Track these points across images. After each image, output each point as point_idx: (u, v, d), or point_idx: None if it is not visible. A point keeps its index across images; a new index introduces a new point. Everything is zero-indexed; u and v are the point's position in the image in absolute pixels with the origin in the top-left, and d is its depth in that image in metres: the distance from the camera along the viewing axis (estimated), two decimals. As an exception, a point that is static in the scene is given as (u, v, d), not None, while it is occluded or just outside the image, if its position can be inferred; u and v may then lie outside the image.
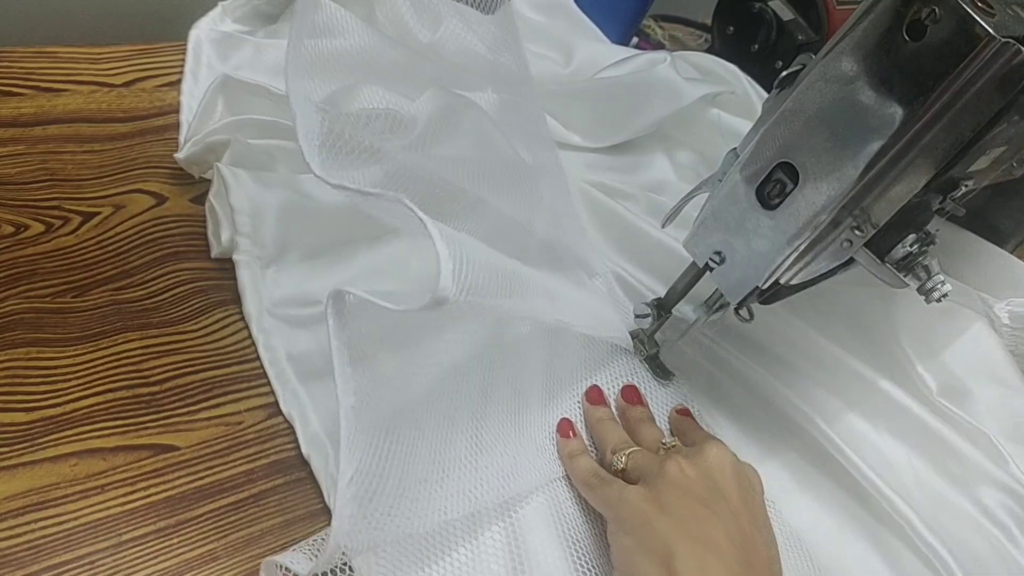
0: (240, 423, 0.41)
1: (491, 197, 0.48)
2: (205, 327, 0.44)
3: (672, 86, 0.62)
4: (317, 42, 0.47)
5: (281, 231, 0.48)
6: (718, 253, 0.42)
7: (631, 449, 0.42)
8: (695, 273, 0.46)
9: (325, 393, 0.42)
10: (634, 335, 0.51)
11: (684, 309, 0.49)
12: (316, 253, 0.49)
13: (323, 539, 0.34)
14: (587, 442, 0.45)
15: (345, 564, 0.35)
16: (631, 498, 0.38)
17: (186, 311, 0.44)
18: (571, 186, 0.59)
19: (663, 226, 0.47)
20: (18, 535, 0.34)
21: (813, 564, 0.43)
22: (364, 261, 0.50)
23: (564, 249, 0.52)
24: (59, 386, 0.39)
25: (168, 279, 0.45)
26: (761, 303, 0.44)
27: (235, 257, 0.47)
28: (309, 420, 0.41)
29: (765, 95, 0.63)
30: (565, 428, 0.45)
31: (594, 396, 0.47)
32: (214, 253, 0.47)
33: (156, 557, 0.35)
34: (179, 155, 0.49)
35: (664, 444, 0.42)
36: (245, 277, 0.46)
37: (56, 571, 0.33)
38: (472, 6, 0.59)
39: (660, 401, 0.49)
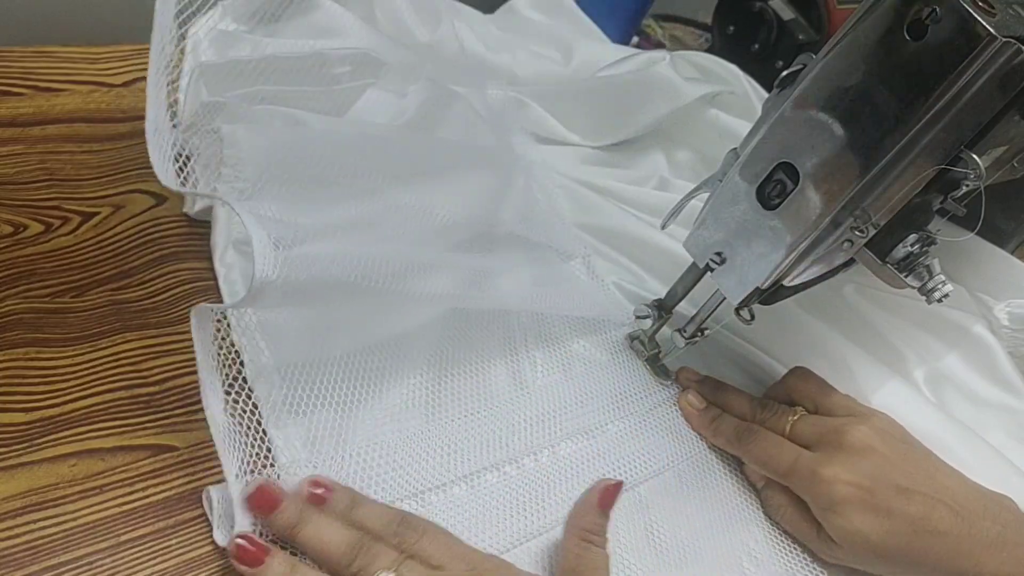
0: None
1: (464, 176, 0.49)
2: (204, 327, 0.44)
3: (671, 85, 0.62)
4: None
5: (264, 168, 0.46)
6: (718, 254, 0.42)
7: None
8: (695, 274, 0.46)
9: (279, 327, 0.42)
10: (634, 336, 0.51)
11: (664, 330, 0.50)
12: (295, 196, 0.47)
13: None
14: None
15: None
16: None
17: (185, 311, 0.44)
18: (568, 184, 0.59)
19: (663, 226, 0.47)
20: (17, 536, 0.34)
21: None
22: (341, 212, 0.49)
23: (536, 232, 0.53)
24: (58, 386, 0.39)
25: (167, 279, 0.45)
26: (762, 303, 0.43)
27: (215, 184, 0.47)
28: (260, 350, 0.41)
29: (765, 95, 0.63)
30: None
31: None
32: (184, 208, 0.49)
33: (155, 558, 0.35)
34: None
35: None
36: (220, 208, 0.47)
37: (55, 572, 0.33)
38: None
39: (661, 402, 0.49)
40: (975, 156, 0.35)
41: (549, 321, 0.50)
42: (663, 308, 0.49)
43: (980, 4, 0.31)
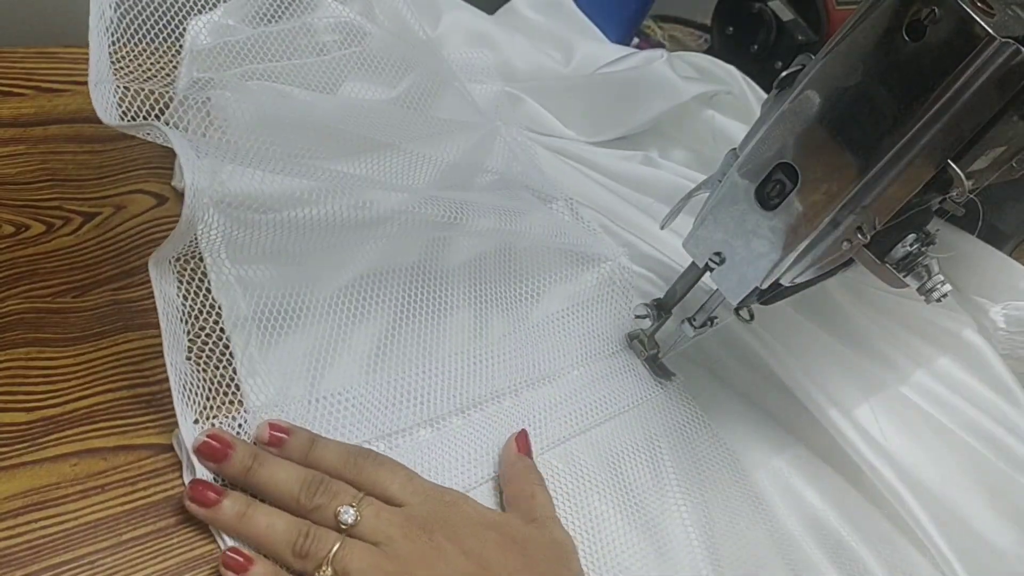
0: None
1: (447, 135, 0.52)
2: (205, 327, 0.44)
3: (668, 83, 0.63)
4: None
5: (252, 132, 0.47)
6: (718, 254, 0.42)
7: (333, 546, 0.33)
8: (695, 273, 0.46)
9: (257, 280, 0.44)
10: (634, 335, 0.51)
11: (670, 326, 0.50)
12: (282, 155, 0.47)
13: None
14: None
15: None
16: None
17: (186, 311, 0.44)
18: (549, 157, 0.61)
19: (662, 227, 0.47)
20: (18, 535, 0.34)
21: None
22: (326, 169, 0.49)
23: (517, 177, 0.56)
24: (59, 386, 0.39)
25: (168, 279, 0.45)
26: (761, 303, 0.44)
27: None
28: (236, 302, 0.42)
29: (764, 96, 0.63)
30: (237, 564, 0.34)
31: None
32: (173, 182, 0.49)
33: (156, 557, 0.35)
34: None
35: (342, 522, 0.34)
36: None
37: (56, 571, 0.33)
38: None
39: (661, 403, 0.49)
40: (973, 157, 0.35)
41: (516, 275, 0.51)
42: (662, 308, 0.49)
43: (979, 5, 0.31)
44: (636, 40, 0.85)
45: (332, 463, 0.36)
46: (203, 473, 0.36)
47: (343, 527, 0.34)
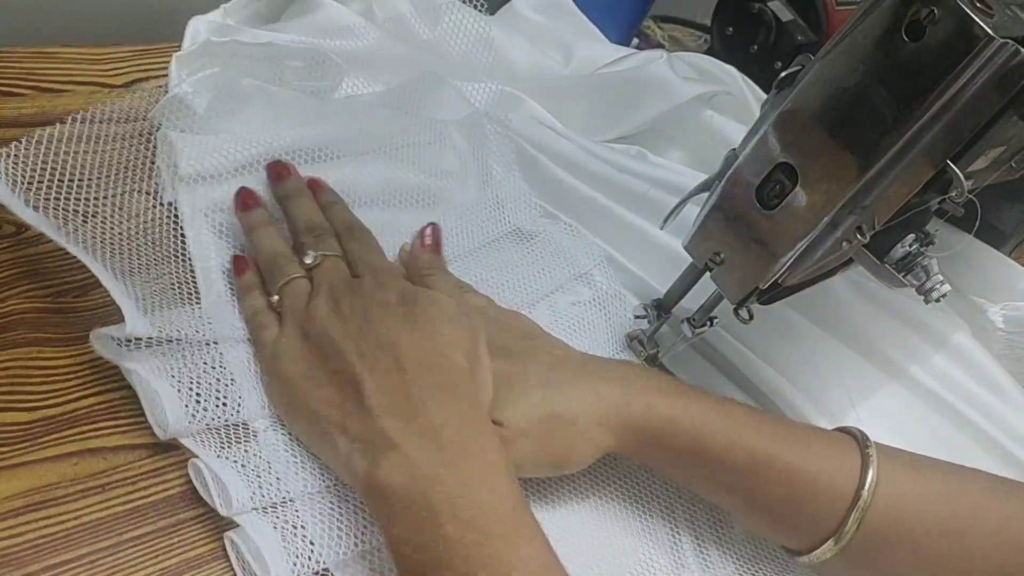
0: (240, 423, 0.41)
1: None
2: (205, 327, 0.44)
3: (667, 83, 0.62)
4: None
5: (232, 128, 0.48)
6: (717, 254, 0.42)
7: (290, 276, 0.41)
8: (694, 274, 0.46)
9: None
10: (633, 336, 0.51)
11: (667, 327, 0.50)
12: (256, 161, 0.48)
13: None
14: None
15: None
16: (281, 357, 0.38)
17: (186, 311, 0.44)
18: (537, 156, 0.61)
19: (662, 227, 0.47)
20: (18, 535, 0.34)
21: None
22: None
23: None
24: (60, 386, 0.39)
25: (168, 279, 0.45)
26: (760, 303, 0.44)
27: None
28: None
29: (764, 96, 0.63)
30: (239, 265, 0.43)
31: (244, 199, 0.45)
32: (158, 194, 0.48)
33: (156, 557, 0.35)
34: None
35: (303, 261, 0.42)
36: (181, 189, 0.46)
37: (56, 571, 0.33)
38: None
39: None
40: (973, 157, 0.35)
41: (509, 288, 0.51)
42: (662, 308, 0.49)
43: (978, 5, 0.31)
44: (636, 40, 0.84)
45: (340, 223, 0.44)
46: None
47: (304, 264, 0.41)
